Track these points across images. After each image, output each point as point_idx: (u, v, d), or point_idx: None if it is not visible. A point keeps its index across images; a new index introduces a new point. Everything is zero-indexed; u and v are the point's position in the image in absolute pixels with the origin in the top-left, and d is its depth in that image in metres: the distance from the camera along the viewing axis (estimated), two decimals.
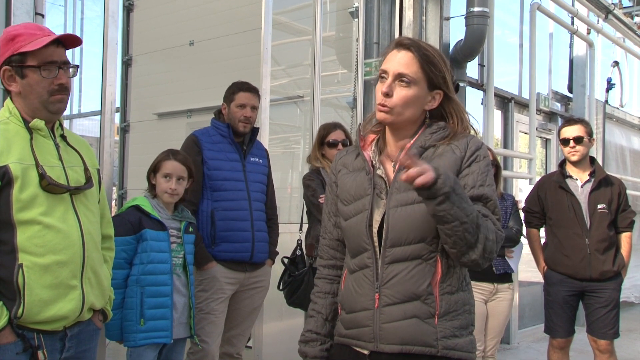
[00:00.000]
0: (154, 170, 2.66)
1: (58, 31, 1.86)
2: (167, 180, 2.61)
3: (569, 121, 3.63)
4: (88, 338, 1.90)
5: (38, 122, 1.80)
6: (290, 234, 3.49)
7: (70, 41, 1.87)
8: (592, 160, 3.58)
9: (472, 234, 1.43)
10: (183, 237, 2.64)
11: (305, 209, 3.42)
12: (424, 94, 1.59)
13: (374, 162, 1.64)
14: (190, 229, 2.70)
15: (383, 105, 1.58)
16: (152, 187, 2.67)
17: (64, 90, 1.83)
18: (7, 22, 2.74)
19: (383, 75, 1.60)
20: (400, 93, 1.56)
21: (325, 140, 3.31)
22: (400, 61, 1.57)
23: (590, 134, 3.53)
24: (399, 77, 1.57)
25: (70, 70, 1.85)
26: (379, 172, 1.62)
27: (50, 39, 1.78)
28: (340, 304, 1.68)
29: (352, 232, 1.63)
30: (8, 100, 1.83)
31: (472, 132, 1.67)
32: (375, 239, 1.58)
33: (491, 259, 1.51)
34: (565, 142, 3.52)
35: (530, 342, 5.68)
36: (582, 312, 3.64)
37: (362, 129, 1.72)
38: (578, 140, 3.47)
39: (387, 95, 1.57)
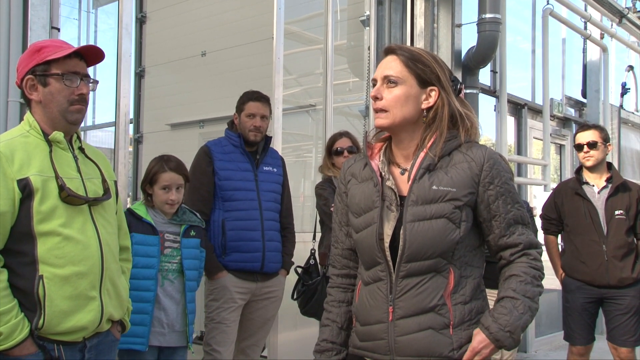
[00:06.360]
0: (150, 181, 2.60)
1: (72, 44, 1.92)
2: (166, 191, 2.56)
3: (583, 127, 3.66)
4: (107, 349, 1.91)
5: (57, 135, 1.82)
6: (304, 243, 3.48)
7: (93, 56, 1.91)
8: (609, 165, 3.57)
9: (535, 308, 1.63)
10: (181, 241, 2.58)
11: (318, 218, 3.42)
12: (416, 92, 1.59)
13: (382, 172, 1.62)
14: (192, 233, 2.63)
15: (376, 110, 1.61)
16: (148, 197, 2.62)
17: (83, 101, 1.86)
18: (24, 36, 2.77)
19: (374, 83, 1.64)
20: (389, 93, 1.59)
21: (332, 148, 3.34)
22: (384, 65, 1.62)
23: (605, 139, 3.53)
24: (385, 79, 1.60)
25: (90, 84, 1.90)
26: (388, 183, 1.60)
27: (75, 48, 1.83)
28: (355, 316, 1.68)
29: (363, 245, 1.62)
30: (28, 114, 1.86)
31: (479, 135, 1.66)
32: (388, 252, 1.56)
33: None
34: (579, 147, 3.54)
35: (548, 350, 5.61)
36: (601, 320, 3.59)
37: (369, 136, 1.72)
38: (592, 145, 3.47)
39: (377, 98, 1.60)
